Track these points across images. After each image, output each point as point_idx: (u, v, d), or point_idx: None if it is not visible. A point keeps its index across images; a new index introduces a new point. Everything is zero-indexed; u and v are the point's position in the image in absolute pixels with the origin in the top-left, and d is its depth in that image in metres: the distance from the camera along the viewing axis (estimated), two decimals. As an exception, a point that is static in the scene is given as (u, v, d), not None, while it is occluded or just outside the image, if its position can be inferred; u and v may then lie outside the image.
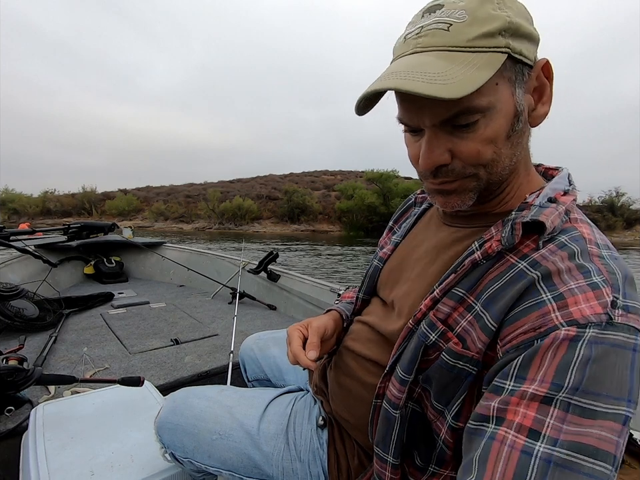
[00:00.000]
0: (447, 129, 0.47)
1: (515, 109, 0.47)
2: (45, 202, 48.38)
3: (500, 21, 0.43)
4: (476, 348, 0.47)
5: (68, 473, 0.83)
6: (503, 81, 0.45)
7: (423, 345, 0.52)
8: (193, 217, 42.32)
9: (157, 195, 51.19)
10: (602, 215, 36.36)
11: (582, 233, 0.48)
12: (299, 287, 2.63)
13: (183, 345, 1.95)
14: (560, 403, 0.38)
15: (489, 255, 0.48)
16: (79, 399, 1.15)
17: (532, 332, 0.42)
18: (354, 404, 0.68)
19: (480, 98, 0.44)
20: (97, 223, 4.00)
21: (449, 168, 0.50)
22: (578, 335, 0.39)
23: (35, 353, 1.72)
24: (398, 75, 0.44)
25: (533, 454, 0.36)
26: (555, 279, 0.43)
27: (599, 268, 0.43)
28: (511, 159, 0.50)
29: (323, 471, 0.69)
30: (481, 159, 0.48)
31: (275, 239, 25.55)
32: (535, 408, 0.38)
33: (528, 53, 0.46)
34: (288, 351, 0.67)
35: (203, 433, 0.73)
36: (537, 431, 0.37)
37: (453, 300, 0.51)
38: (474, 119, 0.45)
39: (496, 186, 0.53)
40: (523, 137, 0.50)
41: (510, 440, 0.38)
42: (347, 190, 38.42)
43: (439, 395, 0.52)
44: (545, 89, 0.49)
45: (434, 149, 0.48)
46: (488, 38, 0.43)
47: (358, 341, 0.70)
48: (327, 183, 52.74)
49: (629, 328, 0.40)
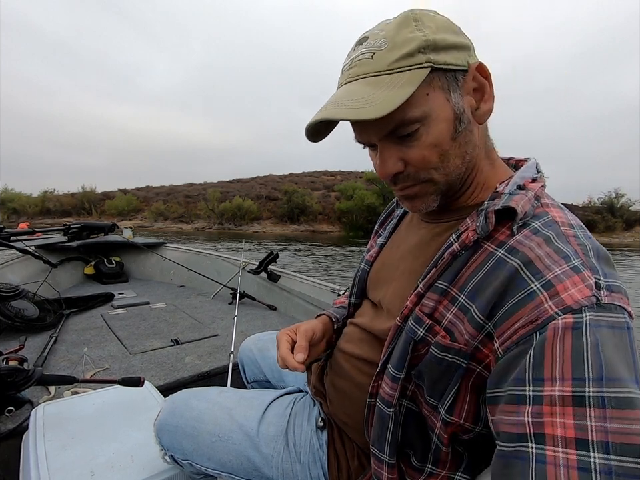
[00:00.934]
0: (394, 140, 0.52)
1: (454, 112, 0.50)
2: (45, 202, 48.34)
3: (417, 41, 0.47)
4: (463, 340, 0.48)
5: (68, 473, 0.84)
6: (433, 90, 0.49)
7: (411, 340, 0.53)
8: (192, 217, 42.30)
9: (156, 195, 51.17)
10: (601, 216, 36.35)
11: (554, 217, 0.49)
12: (299, 287, 2.63)
13: (183, 345, 1.95)
14: (593, 400, 0.36)
15: (467, 245, 0.50)
16: (79, 399, 1.15)
17: (529, 325, 0.42)
18: (350, 405, 0.69)
19: (412, 110, 0.48)
20: (97, 223, 4.00)
21: (405, 174, 0.54)
22: (576, 321, 0.39)
23: (35, 353, 1.72)
24: (331, 106, 0.49)
25: (590, 468, 0.34)
26: (538, 265, 0.44)
27: (575, 250, 0.45)
28: (463, 157, 0.53)
29: (323, 472, 0.69)
30: (429, 163, 0.52)
31: (275, 239, 25.56)
32: (571, 413, 0.37)
33: (456, 61, 0.49)
34: (277, 356, 0.68)
35: (202, 434, 0.73)
36: (583, 439, 0.35)
37: (436, 293, 0.52)
38: (414, 128, 0.49)
39: (458, 184, 0.56)
40: (471, 135, 0.53)
41: (562, 459, 0.36)
42: (346, 190, 38.43)
43: (432, 390, 0.53)
44: (485, 88, 0.52)
45: (387, 159, 0.53)
46: (408, 58, 0.47)
47: (350, 342, 0.72)
48: (327, 184, 52.73)
49: (616, 307, 0.41)
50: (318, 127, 0.54)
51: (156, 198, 49.32)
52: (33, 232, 2.85)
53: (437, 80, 0.49)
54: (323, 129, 0.56)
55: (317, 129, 0.54)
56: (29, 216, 43.24)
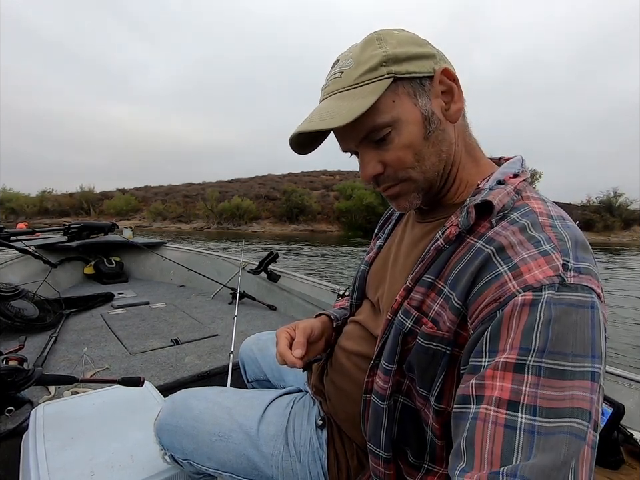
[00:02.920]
0: (371, 145, 0.56)
1: (422, 114, 0.54)
2: (43, 201, 48.30)
3: (378, 57, 0.52)
4: (446, 327, 0.50)
5: (68, 473, 0.84)
6: (399, 97, 0.53)
7: (400, 332, 0.55)
8: (191, 217, 42.29)
9: (155, 195, 51.15)
10: (600, 215, 36.41)
11: (533, 208, 0.52)
12: (299, 287, 2.63)
13: (183, 345, 1.96)
14: (531, 368, 0.39)
15: (450, 239, 0.53)
16: (79, 399, 1.15)
17: (493, 303, 0.44)
18: (349, 403, 0.69)
19: (381, 116, 0.53)
20: (97, 223, 3.99)
21: (385, 176, 0.58)
22: (535, 298, 0.42)
23: (35, 353, 1.72)
24: (307, 120, 0.55)
25: (516, 427, 0.38)
26: (509, 251, 0.47)
27: (549, 236, 0.47)
28: (438, 155, 0.56)
29: (323, 471, 0.69)
30: (405, 163, 0.55)
31: (274, 239, 25.54)
32: (510, 378, 0.40)
33: (419, 69, 0.54)
34: (276, 352, 0.70)
35: (202, 434, 0.74)
36: (515, 401, 0.39)
37: (423, 287, 0.54)
38: (386, 132, 0.54)
39: (439, 181, 0.59)
40: (444, 134, 0.56)
41: (492, 417, 0.39)
42: (345, 190, 38.46)
43: (421, 380, 0.54)
44: (453, 90, 0.56)
45: (367, 163, 0.57)
46: (370, 72, 0.52)
47: (350, 340, 0.73)
48: (326, 183, 52.75)
49: (582, 287, 0.42)
50: (302, 141, 0.59)
51: (155, 198, 49.30)
52: (33, 232, 2.85)
53: (402, 87, 0.53)
54: (309, 142, 0.61)
55: (301, 142, 0.59)
56: (27, 216, 43.19)
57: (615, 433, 0.98)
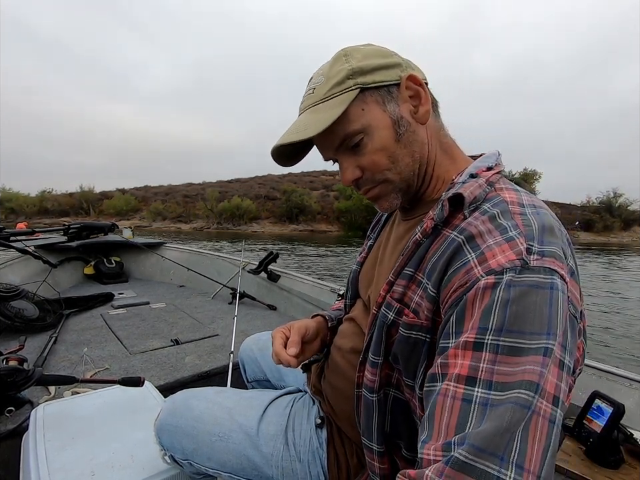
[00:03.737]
0: (348, 152, 0.60)
1: (391, 119, 0.57)
2: (43, 201, 48.28)
3: (344, 71, 0.56)
4: (424, 315, 0.52)
5: (68, 474, 0.84)
6: (368, 105, 0.57)
7: (383, 325, 0.57)
8: (191, 217, 42.28)
9: (155, 195, 51.15)
10: (600, 215, 36.42)
11: (504, 198, 0.53)
12: (299, 287, 2.63)
13: (183, 345, 1.96)
14: (489, 346, 0.42)
15: (427, 233, 0.56)
16: (80, 399, 1.15)
17: (460, 288, 0.47)
18: (344, 402, 0.70)
19: (351, 124, 0.57)
20: (97, 223, 3.99)
21: (364, 179, 0.61)
22: (496, 281, 0.44)
23: (35, 353, 1.72)
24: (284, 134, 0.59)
25: (472, 400, 0.40)
26: (478, 239, 0.49)
27: (516, 223, 0.49)
28: (411, 155, 0.59)
29: (323, 471, 0.70)
30: (380, 165, 0.59)
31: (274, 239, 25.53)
32: (470, 356, 0.42)
33: (386, 78, 0.57)
34: (272, 352, 0.71)
35: (202, 434, 0.74)
36: (473, 377, 0.41)
37: (404, 279, 0.57)
38: (358, 139, 0.57)
39: (416, 179, 0.62)
40: (415, 135, 0.59)
41: (451, 391, 0.42)
42: (345, 190, 38.41)
43: (406, 370, 0.56)
44: (420, 94, 0.59)
45: (346, 168, 0.61)
46: (338, 85, 0.56)
47: (345, 337, 0.75)
48: (326, 183, 52.73)
49: (544, 269, 0.44)
50: (285, 153, 0.63)
51: (154, 198, 49.29)
52: (33, 232, 2.85)
53: (370, 96, 0.57)
54: (293, 154, 0.65)
55: (285, 154, 0.63)
56: (27, 216, 43.18)
57: (615, 433, 0.98)
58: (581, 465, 0.96)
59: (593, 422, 1.01)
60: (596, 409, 1.02)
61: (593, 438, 0.99)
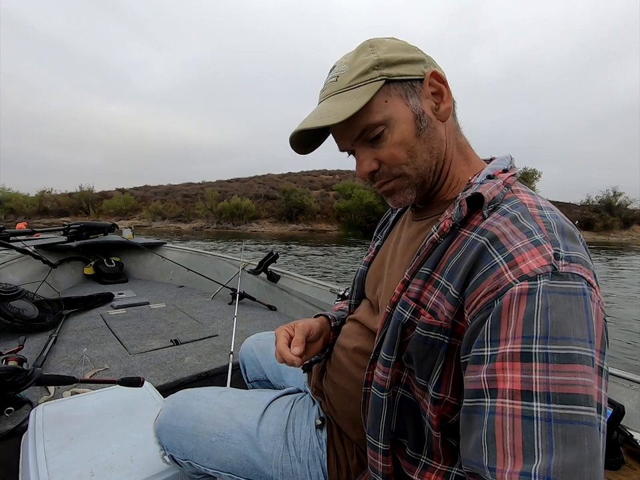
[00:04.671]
0: (366, 144, 0.59)
1: (413, 114, 0.57)
2: (42, 201, 48.22)
3: (370, 61, 0.56)
4: (444, 317, 0.52)
5: (68, 474, 0.84)
6: (392, 98, 0.57)
7: (399, 324, 0.56)
8: (190, 217, 42.26)
9: (154, 195, 51.11)
10: (599, 214, 36.44)
11: (522, 200, 0.54)
12: (298, 288, 2.63)
13: (182, 345, 1.95)
14: (538, 356, 0.41)
15: (445, 232, 0.55)
16: (79, 399, 1.15)
17: (491, 293, 0.46)
18: (347, 401, 0.70)
19: (374, 115, 0.56)
20: (96, 223, 3.99)
21: (380, 172, 0.61)
22: (531, 287, 0.43)
23: (35, 353, 1.72)
24: (305, 120, 0.59)
25: (533, 416, 0.39)
26: (502, 240, 0.48)
27: (539, 226, 0.49)
28: (430, 151, 0.59)
29: (323, 471, 0.70)
30: (398, 159, 0.58)
31: (273, 238, 25.53)
32: (519, 368, 0.41)
33: (410, 72, 0.57)
34: (275, 350, 0.70)
35: (202, 434, 0.74)
36: (527, 391, 0.40)
37: (420, 279, 0.56)
38: (379, 131, 0.57)
39: (432, 176, 0.62)
40: (435, 132, 0.59)
41: (509, 409, 0.40)
42: (345, 189, 38.45)
43: (420, 370, 0.55)
44: (442, 91, 0.59)
45: (363, 160, 0.60)
46: (363, 75, 0.56)
47: (349, 337, 0.74)
48: (325, 183, 52.76)
49: (573, 275, 0.44)
50: (303, 140, 0.62)
51: (154, 197, 49.26)
52: (33, 232, 2.85)
53: (394, 89, 0.57)
54: (309, 142, 0.64)
55: (302, 141, 0.63)
56: (26, 216, 43.15)
57: (615, 434, 0.98)
58: (580, 465, 0.95)
59: (593, 422, 1.01)
60: (596, 409, 1.01)
61: (592, 438, 0.98)
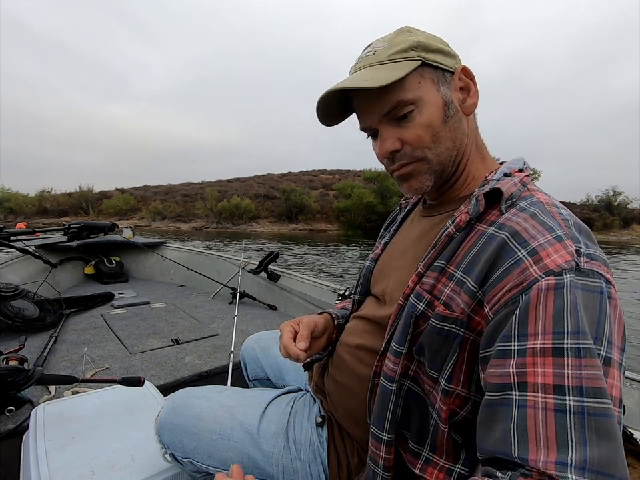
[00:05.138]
0: (392, 123, 0.59)
1: (443, 100, 0.59)
2: (42, 201, 48.19)
3: (409, 42, 0.58)
4: (460, 309, 0.52)
5: (68, 473, 0.84)
6: (425, 80, 0.58)
7: (412, 315, 0.57)
8: (190, 216, 42.23)
9: (154, 194, 51.07)
10: (599, 214, 36.42)
11: (539, 198, 0.55)
12: (299, 287, 2.63)
13: (183, 344, 1.96)
14: (570, 351, 0.41)
15: (461, 226, 0.56)
16: (80, 399, 1.15)
17: (516, 288, 0.46)
18: (349, 399, 0.70)
19: (406, 93, 0.57)
20: (97, 223, 3.99)
21: (402, 153, 0.61)
22: (558, 282, 0.44)
23: (36, 353, 1.72)
24: (340, 82, 0.59)
25: (566, 410, 0.40)
26: (524, 235, 0.49)
27: (559, 223, 0.50)
28: (453, 140, 0.60)
29: (323, 469, 0.70)
30: (423, 141, 0.59)
31: (273, 238, 25.52)
32: (551, 363, 0.42)
33: (444, 62, 0.59)
34: (280, 345, 0.71)
35: (203, 432, 0.74)
36: (560, 385, 0.40)
37: (435, 272, 0.57)
38: (408, 110, 0.57)
39: (450, 167, 0.63)
40: (460, 123, 0.61)
41: (541, 403, 0.41)
42: (344, 189, 38.42)
43: (432, 362, 0.55)
44: (470, 87, 0.62)
45: (386, 139, 0.60)
46: (402, 52, 0.57)
47: (353, 334, 0.74)
48: (325, 182, 52.72)
49: (593, 273, 0.45)
50: (327, 108, 0.62)
51: (154, 197, 49.23)
52: (33, 232, 2.85)
53: (428, 73, 0.58)
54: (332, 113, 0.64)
55: (326, 109, 0.63)
56: (26, 215, 43.12)
57: (615, 432, 0.98)
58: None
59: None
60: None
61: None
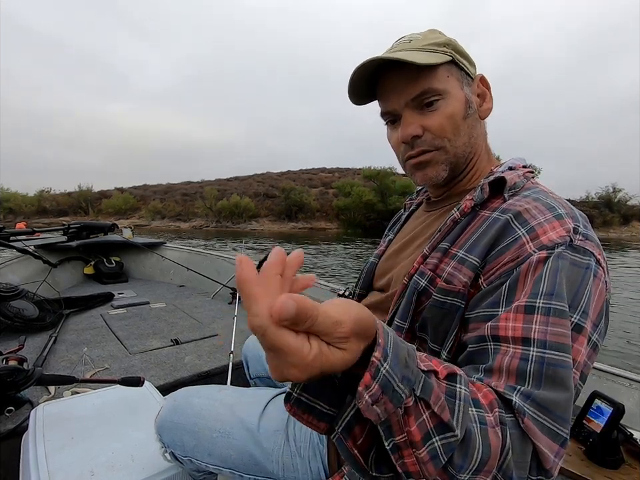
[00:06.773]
0: (417, 109, 0.62)
1: (465, 97, 0.63)
2: (41, 201, 48.16)
3: (443, 39, 0.62)
4: (461, 283, 0.55)
5: (68, 474, 0.84)
6: (452, 76, 0.62)
7: (415, 291, 0.60)
8: (190, 216, 42.21)
9: (153, 194, 51.04)
10: (599, 210, 36.43)
11: (542, 188, 0.60)
12: None
13: (183, 345, 1.96)
14: (541, 309, 0.45)
15: (465, 212, 0.60)
16: (79, 399, 1.16)
17: (511, 262, 0.50)
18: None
19: (437, 82, 0.60)
20: (96, 223, 3.99)
21: (422, 140, 0.63)
22: (548, 255, 0.48)
23: (35, 353, 1.72)
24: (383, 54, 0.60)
25: (529, 359, 0.44)
26: (526, 215, 0.53)
27: (561, 204, 0.54)
28: (469, 137, 0.64)
29: (323, 466, 0.70)
30: (445, 131, 0.62)
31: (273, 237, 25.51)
32: (522, 319, 0.46)
33: (468, 66, 0.64)
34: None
35: (203, 430, 0.74)
36: (527, 338, 0.45)
37: (439, 252, 0.60)
38: (435, 99, 0.61)
39: (463, 162, 0.66)
40: (477, 122, 0.65)
41: (510, 352, 0.45)
42: (344, 187, 38.38)
43: (435, 335, 0.58)
44: (485, 94, 0.67)
45: (409, 124, 0.62)
46: (436, 45, 0.61)
47: None
48: (325, 181, 52.68)
49: (585, 251, 0.49)
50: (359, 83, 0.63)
51: (153, 196, 49.20)
52: (33, 232, 2.85)
53: (455, 71, 0.62)
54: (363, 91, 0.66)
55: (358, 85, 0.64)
56: (25, 215, 43.07)
57: (615, 433, 0.98)
58: (580, 465, 0.96)
59: (593, 422, 1.01)
60: (595, 409, 1.02)
61: (592, 438, 0.99)
